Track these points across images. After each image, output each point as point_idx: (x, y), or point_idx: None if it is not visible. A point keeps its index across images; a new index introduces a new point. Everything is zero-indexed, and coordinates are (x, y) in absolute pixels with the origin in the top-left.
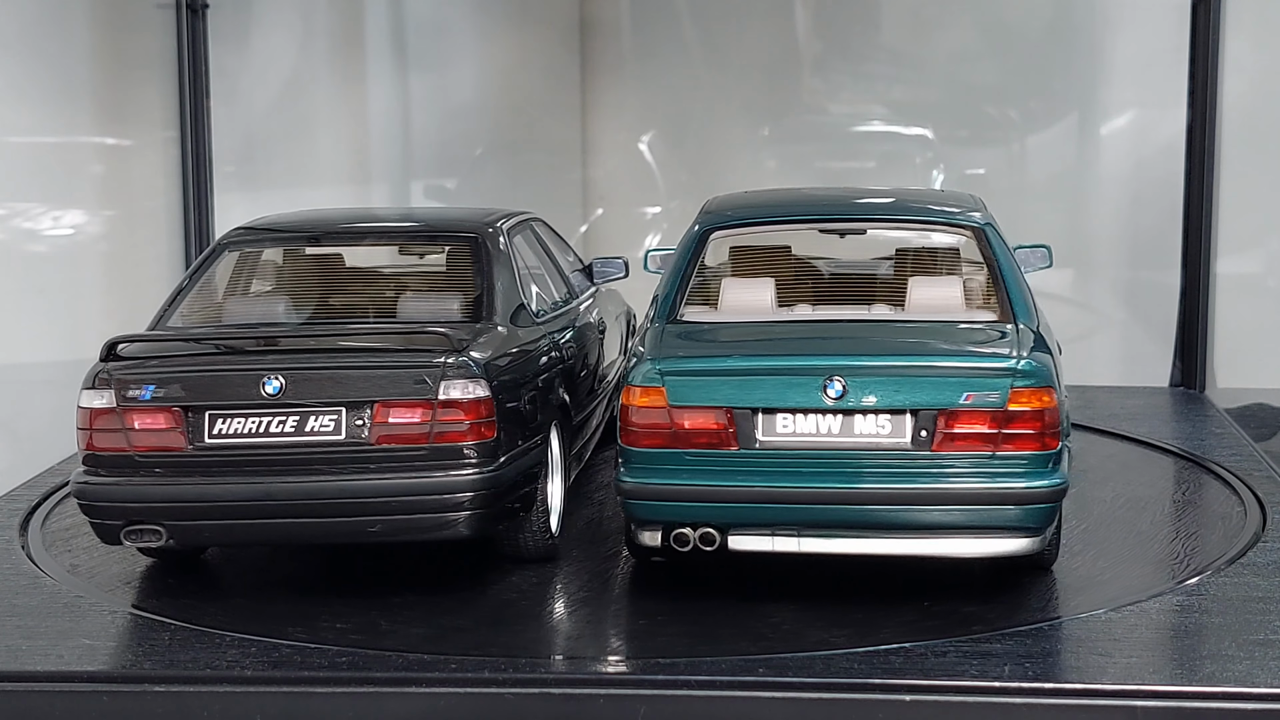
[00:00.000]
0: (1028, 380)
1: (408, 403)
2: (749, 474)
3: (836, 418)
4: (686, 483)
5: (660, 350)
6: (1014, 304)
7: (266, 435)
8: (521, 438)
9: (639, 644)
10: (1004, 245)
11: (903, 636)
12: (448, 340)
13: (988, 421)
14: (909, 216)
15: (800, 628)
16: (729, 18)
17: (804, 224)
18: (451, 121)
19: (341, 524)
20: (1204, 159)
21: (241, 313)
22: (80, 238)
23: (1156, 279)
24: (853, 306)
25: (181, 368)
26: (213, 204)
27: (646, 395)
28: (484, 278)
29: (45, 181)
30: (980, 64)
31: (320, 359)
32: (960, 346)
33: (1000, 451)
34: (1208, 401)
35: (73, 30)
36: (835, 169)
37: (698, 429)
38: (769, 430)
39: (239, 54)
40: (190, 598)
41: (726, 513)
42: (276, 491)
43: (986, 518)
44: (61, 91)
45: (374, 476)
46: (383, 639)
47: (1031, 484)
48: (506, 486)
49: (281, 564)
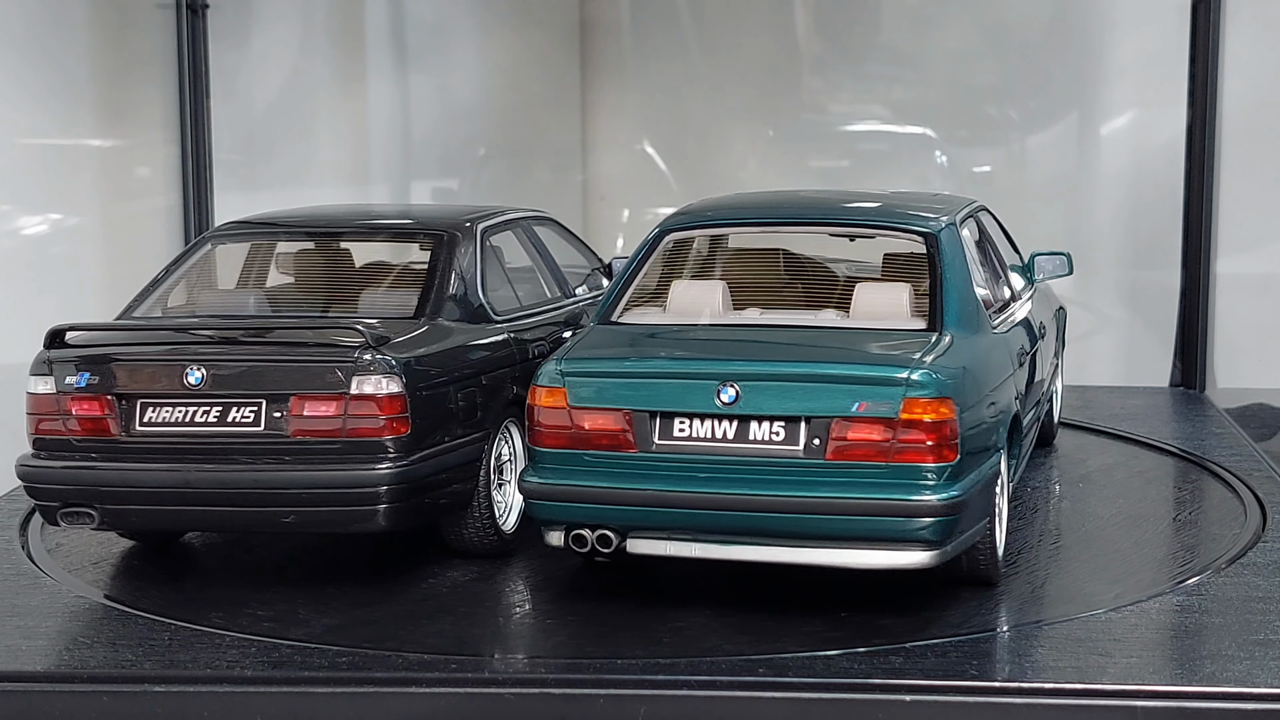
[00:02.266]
0: (921, 390)
1: (322, 396)
2: (645, 477)
3: (731, 424)
4: (585, 484)
5: (570, 351)
6: (945, 312)
7: (191, 425)
8: (450, 435)
9: (524, 643)
10: (958, 253)
11: (801, 646)
12: (362, 336)
13: (880, 431)
14: (858, 221)
15: (701, 634)
16: (729, 18)
17: (758, 227)
18: (451, 122)
19: (258, 514)
20: (1204, 159)
21: (209, 304)
22: (80, 238)
23: (1156, 279)
24: (802, 311)
25: (115, 357)
26: (213, 204)
27: (550, 395)
28: (436, 276)
29: (45, 181)
30: (980, 64)
31: (240, 352)
32: (859, 354)
33: (893, 462)
34: (1208, 401)
35: (73, 30)
36: (835, 169)
37: (597, 430)
38: (666, 434)
39: (239, 54)
40: (140, 580)
41: (623, 515)
42: (194, 479)
43: (879, 529)
44: (61, 91)
45: (289, 468)
46: (289, 628)
47: (925, 497)
48: (424, 482)
49: (259, 552)
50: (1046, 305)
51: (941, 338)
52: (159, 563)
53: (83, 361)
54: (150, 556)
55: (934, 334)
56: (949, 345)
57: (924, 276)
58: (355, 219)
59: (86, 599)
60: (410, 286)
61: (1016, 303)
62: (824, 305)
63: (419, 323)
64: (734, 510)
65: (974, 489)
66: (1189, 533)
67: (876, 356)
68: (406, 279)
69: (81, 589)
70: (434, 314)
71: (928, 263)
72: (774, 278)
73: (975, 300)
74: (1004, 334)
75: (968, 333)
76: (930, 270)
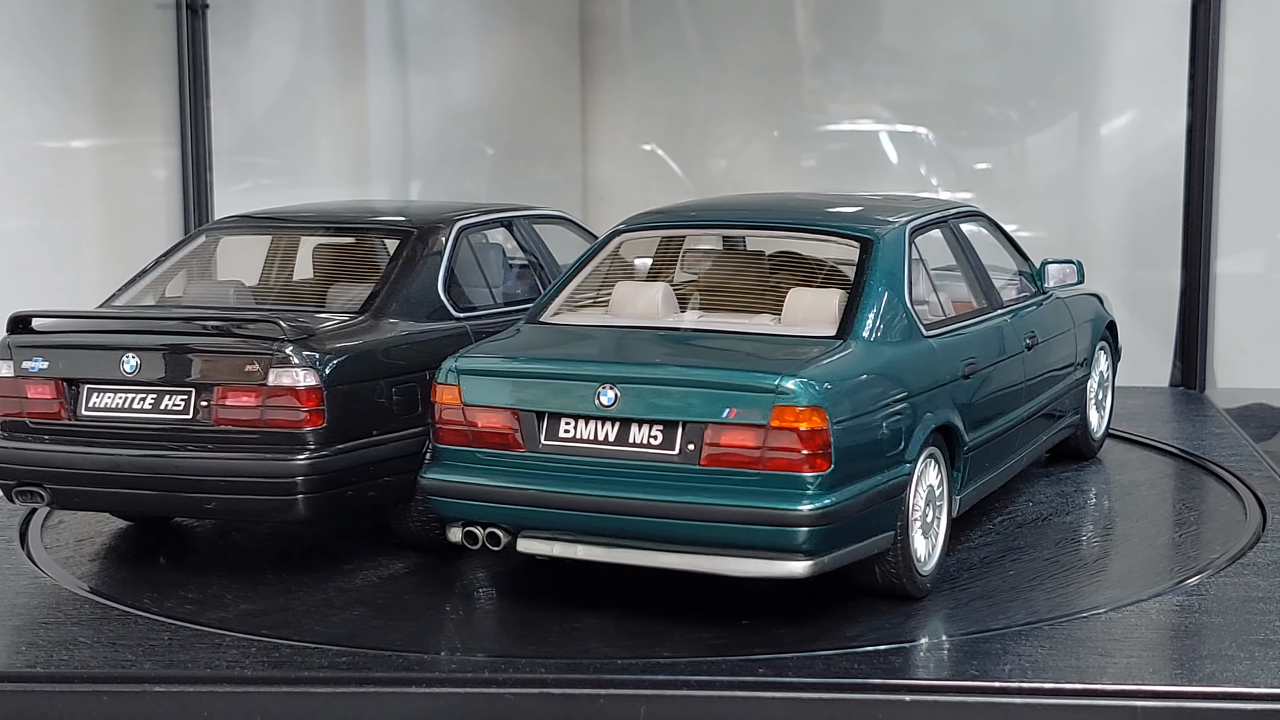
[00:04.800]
0: (790, 399)
1: (243, 388)
2: (532, 477)
3: (613, 426)
4: (478, 481)
5: (471, 349)
6: (857, 320)
7: (129, 411)
8: (381, 429)
9: (411, 639)
10: (895, 260)
11: (683, 652)
12: (282, 330)
13: (752, 438)
14: (800, 224)
15: (585, 636)
16: (729, 18)
17: (705, 229)
18: (451, 121)
19: (182, 499)
20: (1204, 159)
21: (195, 295)
22: (80, 237)
23: (1156, 279)
24: (737, 315)
25: (63, 344)
26: (213, 204)
27: (446, 393)
28: (390, 273)
29: (45, 181)
30: (980, 64)
31: (170, 341)
32: (736, 361)
33: (765, 470)
34: (1208, 401)
35: (73, 30)
36: (835, 169)
37: (489, 429)
38: (552, 434)
39: (239, 54)
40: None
41: (511, 514)
42: (124, 463)
43: (752, 537)
44: (61, 91)
45: (211, 456)
46: (207, 611)
47: (797, 506)
48: (344, 474)
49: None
50: (1069, 315)
51: (843, 346)
52: (140, 551)
53: (37, 347)
54: (134, 545)
55: (837, 342)
56: (844, 354)
57: (839, 281)
58: (337, 216)
59: (86, 599)
60: (365, 283)
61: (998, 311)
62: (762, 310)
63: (359, 318)
64: (614, 513)
65: (858, 499)
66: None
67: (750, 363)
68: (365, 275)
69: (73, 583)
70: (380, 310)
71: (856, 269)
72: (721, 281)
73: (902, 309)
74: (944, 343)
75: (881, 341)
76: (856, 276)
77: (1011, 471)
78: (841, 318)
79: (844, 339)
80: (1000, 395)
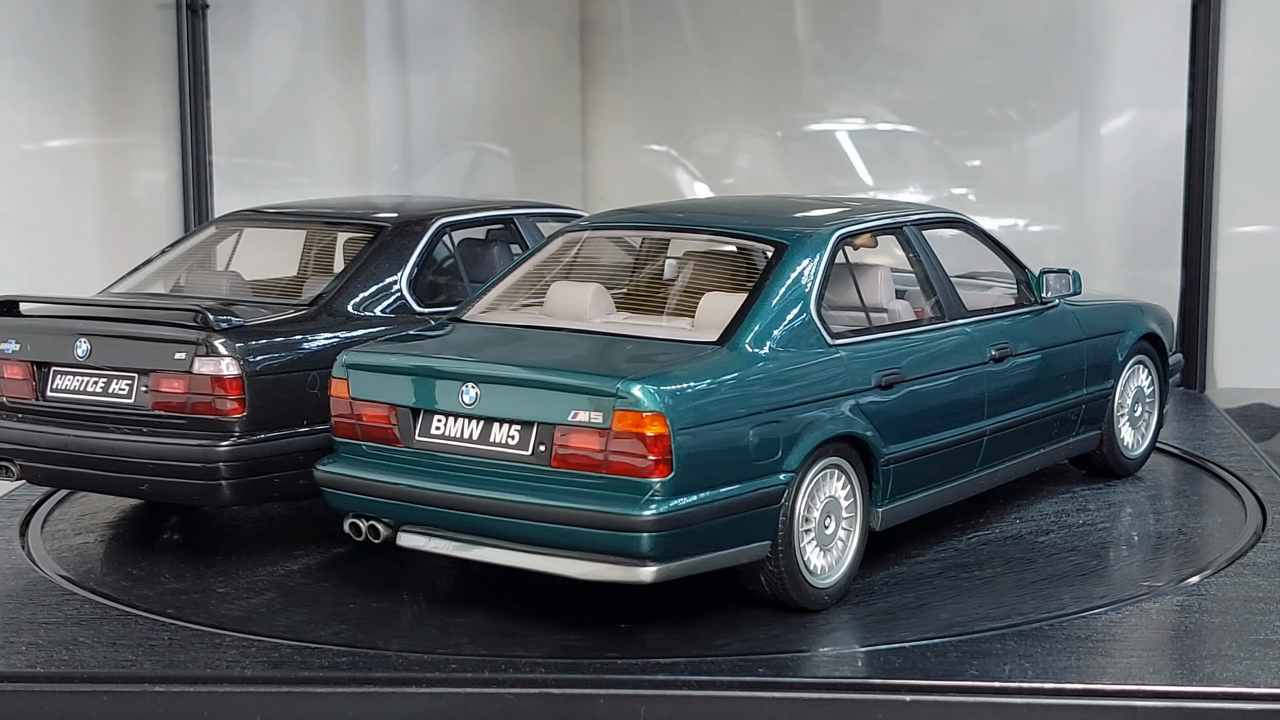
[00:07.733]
0: (631, 403)
1: (173, 374)
2: (407, 472)
3: (477, 424)
4: (361, 475)
5: (363, 345)
6: (742, 326)
7: (84, 393)
8: (311, 419)
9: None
10: (809, 266)
11: (533, 653)
12: (206, 320)
13: (596, 441)
14: (723, 227)
15: (447, 633)
16: (729, 18)
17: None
18: (451, 121)
19: (119, 479)
20: (1204, 159)
21: (183, 285)
22: (79, 237)
23: (1156, 279)
24: (653, 317)
25: (31, 328)
26: (213, 204)
27: (337, 386)
28: (352, 267)
29: (45, 181)
30: (980, 64)
31: (115, 329)
32: (585, 363)
33: (609, 474)
34: (1208, 401)
35: (73, 30)
36: (835, 169)
37: (372, 423)
38: (425, 431)
39: (239, 54)
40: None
41: (389, 509)
42: (71, 444)
43: (596, 541)
44: (62, 91)
45: (145, 439)
46: (132, 588)
47: (636, 511)
48: (266, 461)
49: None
50: (1078, 326)
51: (714, 352)
52: (125, 544)
53: (12, 330)
54: (135, 543)
55: (710, 348)
56: (709, 360)
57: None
58: (330, 211)
59: (86, 599)
60: (336, 277)
61: (955, 321)
62: (683, 314)
63: (306, 311)
64: (474, 511)
65: (709, 506)
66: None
67: (597, 366)
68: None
69: (81, 588)
70: (332, 303)
71: (760, 273)
72: (653, 285)
73: (802, 316)
74: (855, 352)
75: (767, 348)
76: (758, 281)
77: (977, 486)
78: (728, 323)
79: (722, 345)
80: (942, 406)
